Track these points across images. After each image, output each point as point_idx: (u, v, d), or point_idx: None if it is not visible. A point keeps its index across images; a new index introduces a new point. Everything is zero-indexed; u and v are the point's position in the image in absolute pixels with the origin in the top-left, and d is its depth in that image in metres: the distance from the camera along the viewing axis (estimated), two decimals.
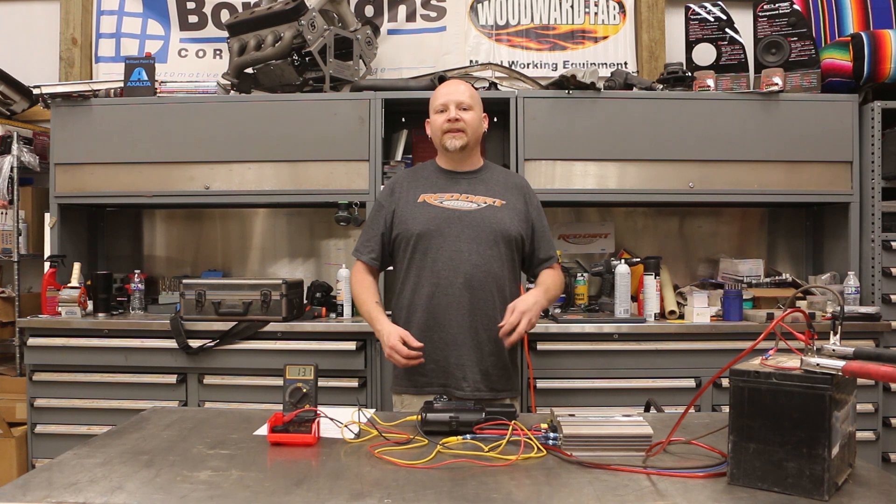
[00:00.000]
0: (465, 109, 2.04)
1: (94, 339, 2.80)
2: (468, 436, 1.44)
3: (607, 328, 2.73)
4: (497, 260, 2.01)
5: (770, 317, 2.72)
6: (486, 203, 2.04)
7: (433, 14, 3.56)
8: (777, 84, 2.92)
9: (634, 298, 2.90)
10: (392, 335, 1.89)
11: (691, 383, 2.69)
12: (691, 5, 3.13)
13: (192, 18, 3.61)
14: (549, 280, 2.09)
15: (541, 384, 2.68)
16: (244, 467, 1.29)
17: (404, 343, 1.88)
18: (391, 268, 2.17)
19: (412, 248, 2.02)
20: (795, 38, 3.01)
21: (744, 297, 2.88)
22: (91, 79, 3.53)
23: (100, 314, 2.95)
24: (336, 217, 2.95)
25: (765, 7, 3.06)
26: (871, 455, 2.72)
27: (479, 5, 3.56)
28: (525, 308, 1.88)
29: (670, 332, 2.74)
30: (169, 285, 3.34)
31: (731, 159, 2.95)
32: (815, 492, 1.10)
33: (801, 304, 2.95)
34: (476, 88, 3.05)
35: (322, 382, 1.67)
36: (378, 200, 2.15)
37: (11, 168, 3.11)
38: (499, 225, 2.02)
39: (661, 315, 2.88)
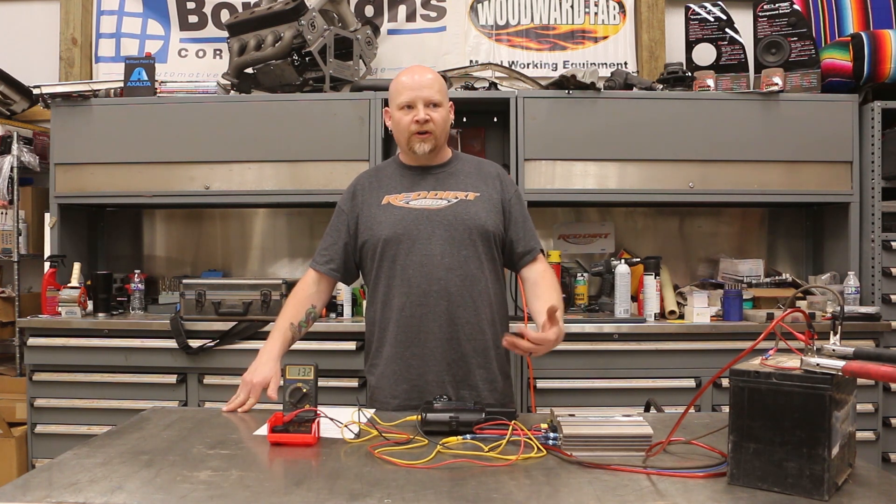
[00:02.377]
0: (434, 106, 1.81)
1: (94, 339, 2.80)
2: (468, 436, 1.44)
3: (607, 328, 2.73)
4: (474, 260, 1.80)
5: (770, 317, 2.72)
6: (457, 198, 1.82)
7: (433, 14, 3.56)
8: (777, 84, 2.92)
9: (634, 298, 2.90)
10: (257, 373, 1.72)
11: (691, 383, 2.69)
12: (691, 5, 3.13)
13: (192, 18, 3.61)
14: (545, 280, 1.84)
15: (541, 384, 2.68)
16: (244, 467, 1.29)
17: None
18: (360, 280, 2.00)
19: (379, 255, 1.82)
20: (795, 38, 3.01)
21: (744, 297, 2.88)
22: (91, 79, 3.52)
23: (100, 314, 2.95)
24: None
25: (765, 7, 3.06)
26: (871, 455, 2.72)
27: (479, 5, 3.56)
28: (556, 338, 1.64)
29: (670, 332, 2.74)
30: (169, 285, 3.34)
31: (731, 159, 2.95)
32: (815, 492, 1.10)
33: (801, 304, 2.95)
34: (476, 88, 3.08)
35: (322, 382, 1.66)
36: (338, 206, 1.93)
37: (11, 168, 3.10)
38: (473, 220, 1.80)
39: (661, 315, 2.88)
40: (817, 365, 1.13)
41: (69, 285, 2.89)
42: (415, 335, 1.79)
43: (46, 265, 3.01)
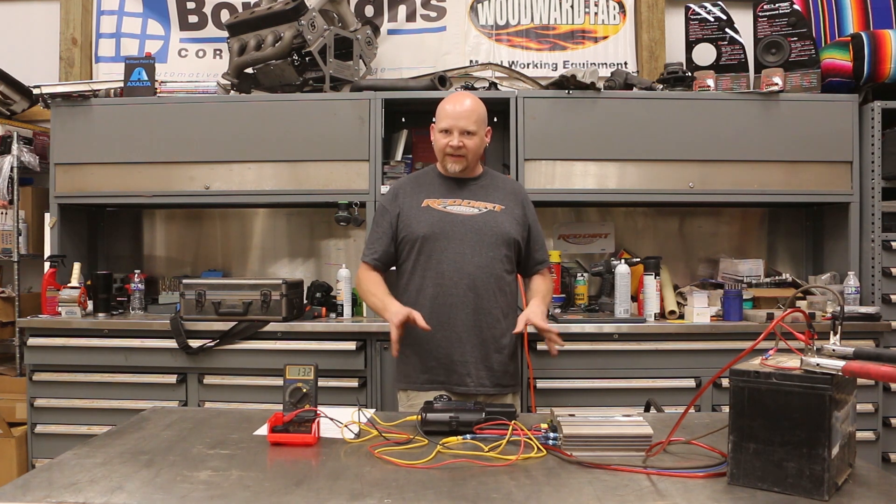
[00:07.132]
0: (468, 134, 2.08)
1: (94, 339, 2.80)
2: (468, 436, 1.44)
3: (607, 328, 2.73)
4: (498, 262, 2.09)
5: (770, 317, 2.72)
6: (486, 208, 2.12)
7: (433, 14, 3.56)
8: (777, 84, 2.92)
9: (634, 298, 2.90)
10: (399, 313, 1.94)
11: (691, 383, 2.69)
12: (691, 5, 3.12)
13: (192, 18, 3.61)
14: (543, 287, 2.18)
15: (541, 384, 2.68)
16: (244, 467, 1.29)
17: (408, 324, 1.96)
18: (394, 268, 2.21)
19: (417, 250, 2.09)
20: (795, 38, 3.01)
21: (744, 297, 2.87)
22: (91, 79, 3.52)
23: (100, 314, 2.95)
24: (336, 217, 2.95)
25: (765, 7, 3.06)
26: (871, 455, 2.72)
27: (479, 5, 3.55)
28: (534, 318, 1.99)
29: (670, 332, 2.74)
30: (169, 285, 3.34)
31: (731, 159, 2.95)
32: (815, 492, 1.10)
33: (801, 304, 2.95)
34: (476, 88, 3.08)
35: (322, 382, 1.67)
36: (382, 205, 2.21)
37: (11, 168, 3.11)
38: (499, 229, 2.10)
39: (661, 315, 2.88)
40: (817, 365, 1.13)
41: (69, 285, 2.89)
42: (445, 320, 2.05)
43: (46, 265, 3.01)
